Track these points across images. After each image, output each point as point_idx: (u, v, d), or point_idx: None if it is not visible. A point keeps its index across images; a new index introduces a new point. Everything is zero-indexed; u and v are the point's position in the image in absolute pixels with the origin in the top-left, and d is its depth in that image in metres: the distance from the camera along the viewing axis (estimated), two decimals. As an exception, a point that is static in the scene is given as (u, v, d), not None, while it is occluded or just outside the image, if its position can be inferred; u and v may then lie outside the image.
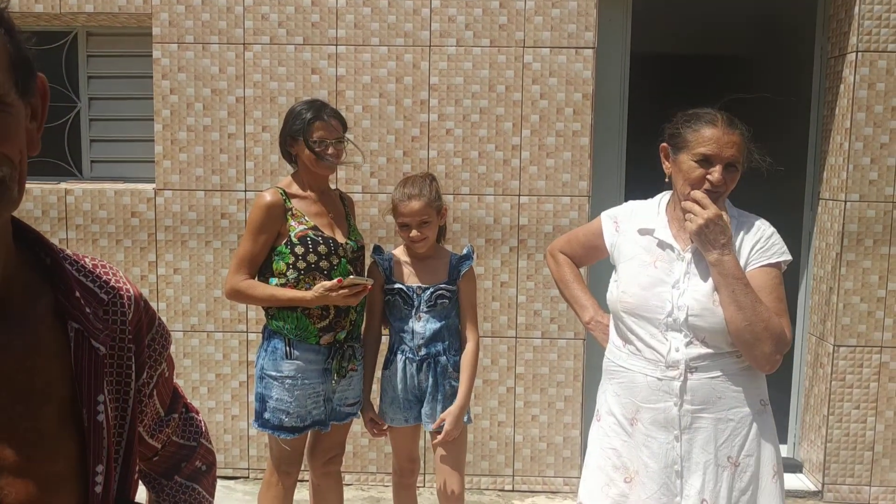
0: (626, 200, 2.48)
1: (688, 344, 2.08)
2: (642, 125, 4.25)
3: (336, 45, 3.92)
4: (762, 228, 2.16)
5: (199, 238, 4.03)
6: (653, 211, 2.25)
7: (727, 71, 5.46)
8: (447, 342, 2.88)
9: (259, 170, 3.98)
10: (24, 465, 0.83)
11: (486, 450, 4.11)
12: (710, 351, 2.07)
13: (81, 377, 0.90)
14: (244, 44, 3.93)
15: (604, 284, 2.38)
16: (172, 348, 4.03)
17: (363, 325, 2.98)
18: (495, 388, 4.07)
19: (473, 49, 3.90)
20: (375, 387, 3.02)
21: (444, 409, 2.86)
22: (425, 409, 2.90)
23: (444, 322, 2.87)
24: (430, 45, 3.90)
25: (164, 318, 4.01)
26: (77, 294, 0.92)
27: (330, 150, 2.78)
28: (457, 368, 2.90)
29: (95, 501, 0.91)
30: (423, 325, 2.85)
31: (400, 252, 2.96)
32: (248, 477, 4.13)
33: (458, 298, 2.92)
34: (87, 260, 1.00)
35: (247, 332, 4.06)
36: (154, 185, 4.04)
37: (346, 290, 2.67)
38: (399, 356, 2.89)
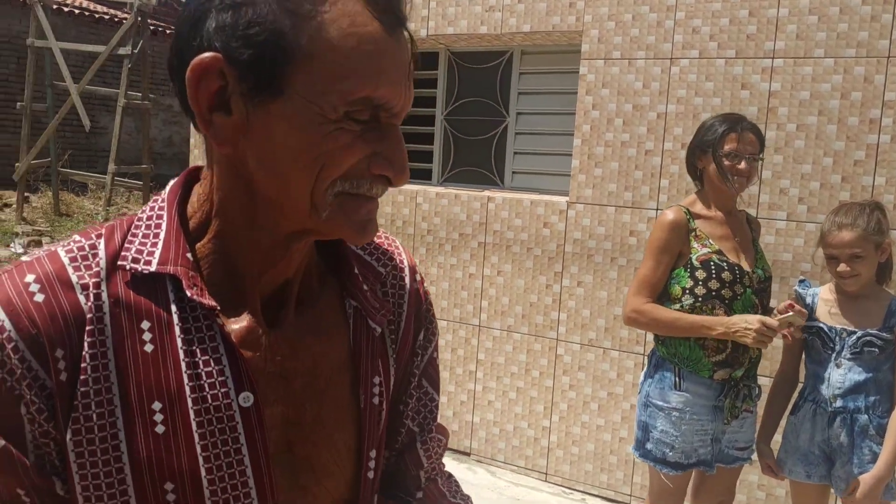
0: None
1: None
2: None
3: (773, 58, 3.57)
4: None
5: (605, 254, 4.00)
6: None
7: None
8: (872, 398, 2.46)
9: (674, 188, 3.81)
10: (310, 449, 0.85)
11: (915, 542, 3.39)
12: None
13: (360, 359, 0.89)
14: (671, 58, 3.80)
15: None
16: (569, 358, 4.11)
17: (779, 365, 2.67)
18: (935, 469, 3.33)
19: (947, 58, 3.24)
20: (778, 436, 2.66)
21: (860, 474, 2.44)
22: (837, 471, 2.52)
23: (870, 374, 2.45)
24: (888, 56, 3.34)
25: (563, 329, 4.09)
26: (356, 271, 0.91)
27: (742, 165, 2.53)
28: (880, 432, 2.45)
29: (366, 487, 0.89)
30: (842, 374, 2.48)
31: (827, 289, 2.60)
32: (628, 505, 3.99)
33: (893, 349, 2.46)
34: None
35: (644, 354, 3.92)
36: (567, 199, 4.11)
37: (765, 329, 2.38)
38: (809, 404, 2.57)
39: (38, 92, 8.48)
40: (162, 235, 0.79)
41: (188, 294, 0.76)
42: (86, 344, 0.74)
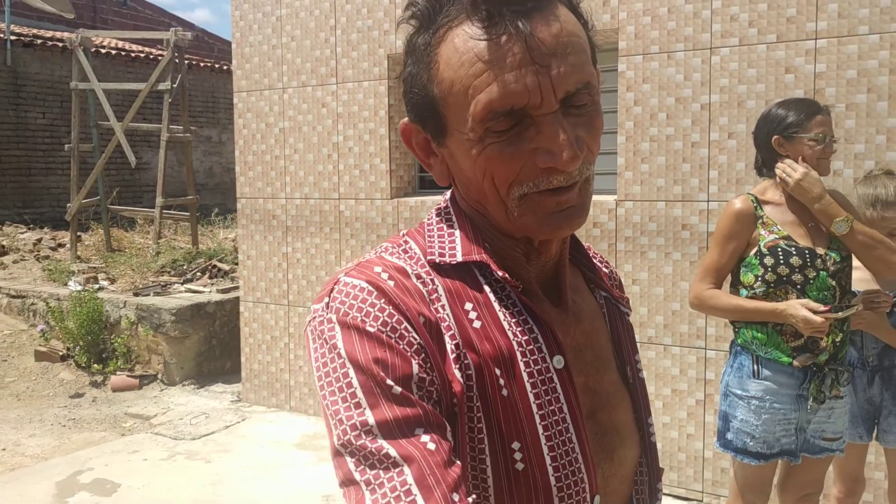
0: None
1: None
2: None
3: (816, 39, 3.53)
4: None
5: (659, 249, 3.98)
6: None
7: None
8: None
9: (724, 178, 3.78)
10: (609, 416, 0.95)
11: None
12: None
13: (620, 339, 0.99)
14: (711, 48, 3.78)
15: None
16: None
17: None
18: None
19: None
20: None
21: None
22: (883, 425, 2.74)
23: None
24: (936, 27, 3.29)
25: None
26: (597, 267, 1.03)
27: (830, 147, 2.52)
28: None
29: (651, 450, 0.99)
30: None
31: None
32: (701, 501, 3.94)
33: None
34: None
35: (705, 348, 3.88)
36: (616, 197, 4.10)
37: (813, 321, 2.36)
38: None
39: (82, 133, 8.71)
40: (457, 234, 0.92)
41: (499, 275, 0.88)
42: (435, 309, 0.85)
